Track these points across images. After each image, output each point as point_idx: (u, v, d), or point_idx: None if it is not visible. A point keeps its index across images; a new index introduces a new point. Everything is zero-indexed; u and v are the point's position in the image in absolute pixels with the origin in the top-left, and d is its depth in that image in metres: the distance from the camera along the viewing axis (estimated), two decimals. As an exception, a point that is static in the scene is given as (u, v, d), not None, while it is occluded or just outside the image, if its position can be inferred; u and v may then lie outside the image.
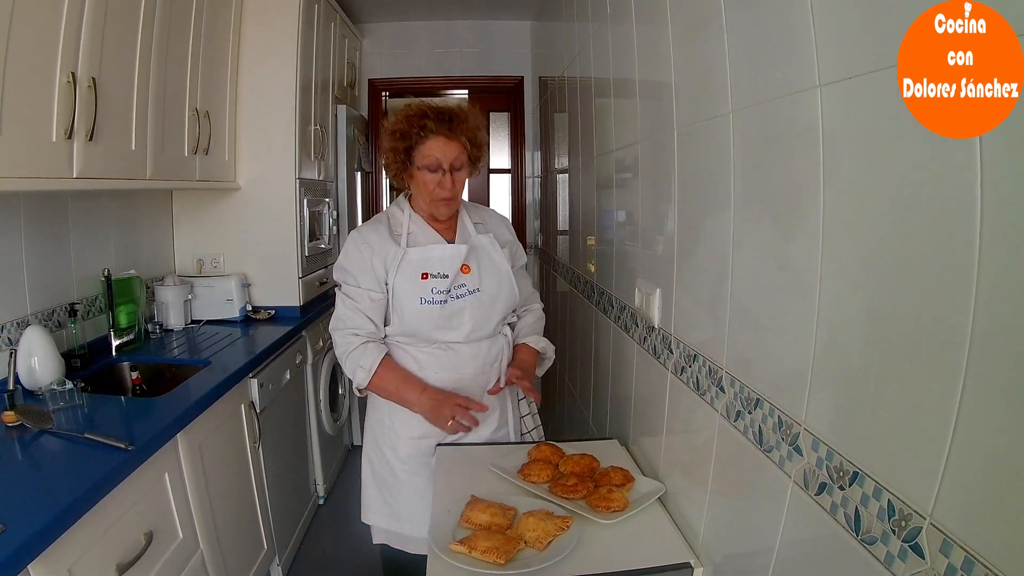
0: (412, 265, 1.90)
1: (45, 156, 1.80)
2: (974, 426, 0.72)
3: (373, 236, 1.93)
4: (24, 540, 1.23)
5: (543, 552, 1.41)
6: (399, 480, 1.98)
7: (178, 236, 3.33)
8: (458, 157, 1.88)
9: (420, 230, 1.96)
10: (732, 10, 1.26)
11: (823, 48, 0.96)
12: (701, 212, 1.47)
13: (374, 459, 2.04)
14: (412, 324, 1.91)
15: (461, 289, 1.92)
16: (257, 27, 3.20)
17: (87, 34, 1.91)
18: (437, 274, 1.90)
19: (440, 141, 1.86)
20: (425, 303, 1.89)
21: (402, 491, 1.98)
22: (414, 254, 1.91)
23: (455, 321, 1.92)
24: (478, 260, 1.96)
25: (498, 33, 4.69)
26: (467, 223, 2.01)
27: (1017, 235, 0.66)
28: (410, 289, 1.89)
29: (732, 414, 1.29)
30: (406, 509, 1.98)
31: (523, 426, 2.15)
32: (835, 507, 0.95)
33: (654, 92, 1.79)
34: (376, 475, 2.04)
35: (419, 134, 1.86)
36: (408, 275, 1.90)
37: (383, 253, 1.91)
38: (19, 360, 2.01)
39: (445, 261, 1.91)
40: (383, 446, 2.01)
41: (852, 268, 0.92)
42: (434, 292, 1.89)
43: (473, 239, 1.98)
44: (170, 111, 2.52)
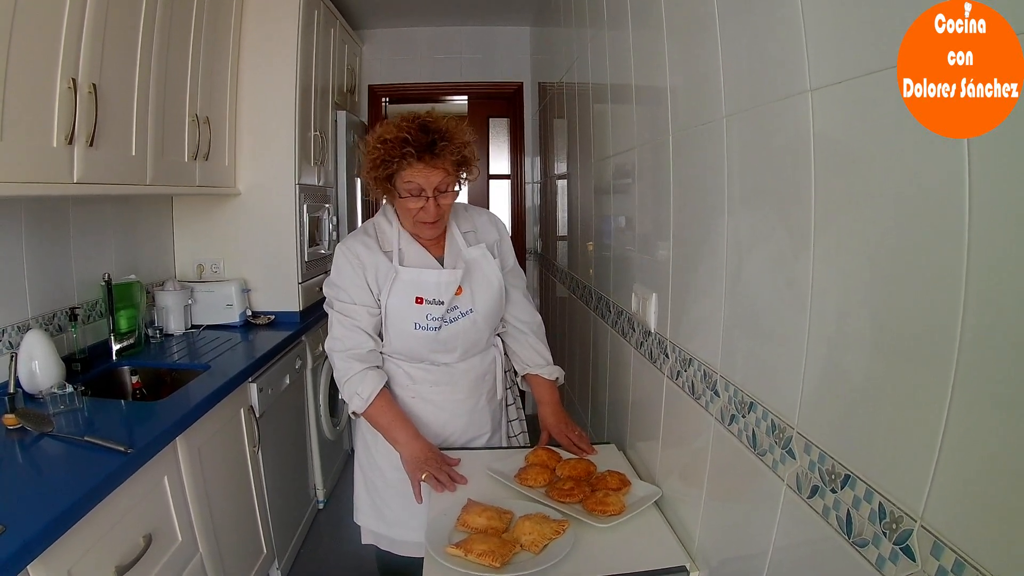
0: (405, 286, 1.85)
1: (46, 161, 1.81)
2: (964, 429, 0.72)
3: (362, 250, 1.88)
4: (24, 541, 1.23)
5: (539, 556, 1.42)
6: (388, 485, 1.98)
7: (178, 241, 3.34)
8: (442, 182, 1.77)
9: (410, 247, 1.89)
10: (726, 16, 1.28)
11: (814, 53, 0.97)
12: (696, 216, 1.48)
13: (365, 464, 2.04)
14: (405, 345, 1.91)
15: (455, 312, 1.89)
16: (257, 33, 3.22)
17: (88, 40, 1.92)
18: (432, 300, 1.85)
19: (421, 168, 1.74)
20: (420, 328, 1.86)
21: (391, 496, 1.98)
22: (407, 275, 1.85)
23: (449, 344, 1.91)
24: (471, 279, 1.91)
25: (498, 39, 4.71)
26: (457, 236, 1.94)
27: (1005, 240, 0.67)
28: (404, 312, 1.86)
29: (726, 418, 1.30)
30: (394, 513, 1.98)
31: (510, 430, 2.16)
32: (827, 510, 0.96)
33: (650, 97, 1.80)
34: (366, 480, 2.04)
35: (399, 161, 1.73)
36: (401, 296, 1.85)
37: (374, 268, 1.86)
38: (20, 364, 2.03)
39: (441, 287, 1.86)
40: (373, 452, 2.00)
41: (844, 273, 0.93)
42: (429, 319, 1.86)
43: (464, 254, 1.92)
44: (170, 117, 2.53)
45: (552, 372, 2.06)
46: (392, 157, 1.73)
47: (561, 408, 2.06)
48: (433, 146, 1.72)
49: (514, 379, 2.16)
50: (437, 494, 1.73)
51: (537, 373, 2.05)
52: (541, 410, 2.06)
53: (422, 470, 1.78)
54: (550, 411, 2.04)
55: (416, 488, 1.79)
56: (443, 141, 1.74)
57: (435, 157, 1.73)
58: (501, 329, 2.09)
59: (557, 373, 2.07)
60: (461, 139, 1.78)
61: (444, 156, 1.74)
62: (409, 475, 1.82)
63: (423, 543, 1.97)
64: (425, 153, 1.72)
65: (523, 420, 2.19)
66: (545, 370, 2.05)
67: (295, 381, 3.08)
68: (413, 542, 1.96)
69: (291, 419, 3.06)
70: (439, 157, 1.74)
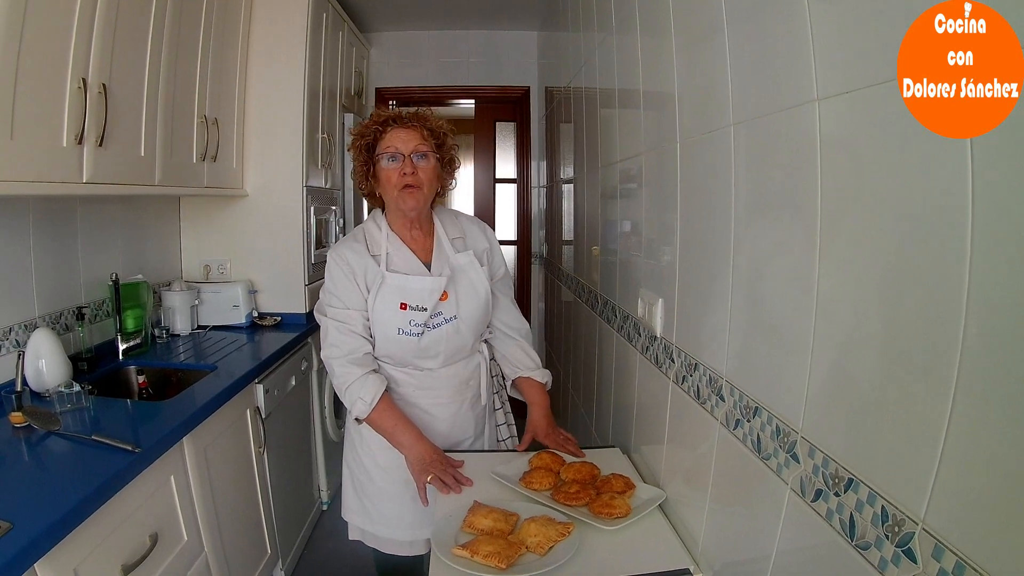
0: (391, 291, 1.88)
1: (55, 161, 1.82)
2: (966, 432, 0.73)
3: (351, 255, 1.91)
4: (31, 539, 1.24)
5: (544, 557, 1.42)
6: (375, 485, 2.00)
7: (185, 242, 3.36)
8: (419, 146, 1.86)
9: (397, 252, 1.93)
10: (734, 24, 1.28)
11: (821, 63, 0.98)
12: (703, 222, 1.48)
13: (352, 463, 2.06)
14: (388, 350, 1.93)
15: (438, 318, 1.91)
16: (266, 35, 3.23)
17: (98, 41, 1.94)
18: (416, 306, 1.88)
19: (398, 130, 1.86)
20: (403, 334, 1.88)
21: (377, 495, 2.00)
22: (393, 280, 1.89)
23: (432, 351, 1.92)
24: (456, 285, 1.93)
25: (505, 43, 4.71)
26: (444, 242, 1.97)
27: (1009, 245, 0.67)
28: (388, 317, 1.88)
29: (731, 422, 1.30)
30: (380, 511, 2.01)
31: (498, 435, 2.16)
32: (831, 513, 0.96)
33: (658, 103, 1.80)
34: (354, 478, 2.06)
35: (378, 129, 1.87)
36: (387, 300, 1.88)
37: (363, 271, 1.89)
38: (27, 362, 2.04)
39: (425, 294, 1.89)
40: (360, 450, 2.02)
41: (849, 279, 0.94)
42: (412, 324, 1.88)
43: (452, 260, 1.95)
44: (179, 118, 2.55)
45: (543, 375, 2.08)
46: (372, 126, 1.88)
47: (550, 411, 2.07)
48: (410, 118, 1.89)
49: (502, 384, 2.17)
50: (443, 496, 1.73)
51: (528, 376, 2.07)
52: (531, 412, 2.06)
53: (427, 472, 1.79)
54: (540, 413, 2.04)
55: (422, 491, 1.80)
56: (420, 115, 1.91)
57: (410, 122, 1.88)
58: (489, 335, 2.10)
59: (547, 377, 2.09)
60: (438, 122, 1.93)
61: (419, 122, 1.88)
62: (415, 478, 1.82)
63: (409, 542, 2.00)
64: (402, 121, 1.88)
65: (512, 426, 2.19)
66: (536, 373, 2.07)
67: (301, 383, 3.09)
68: (399, 540, 2.00)
69: (296, 420, 3.07)
70: (414, 122, 1.88)
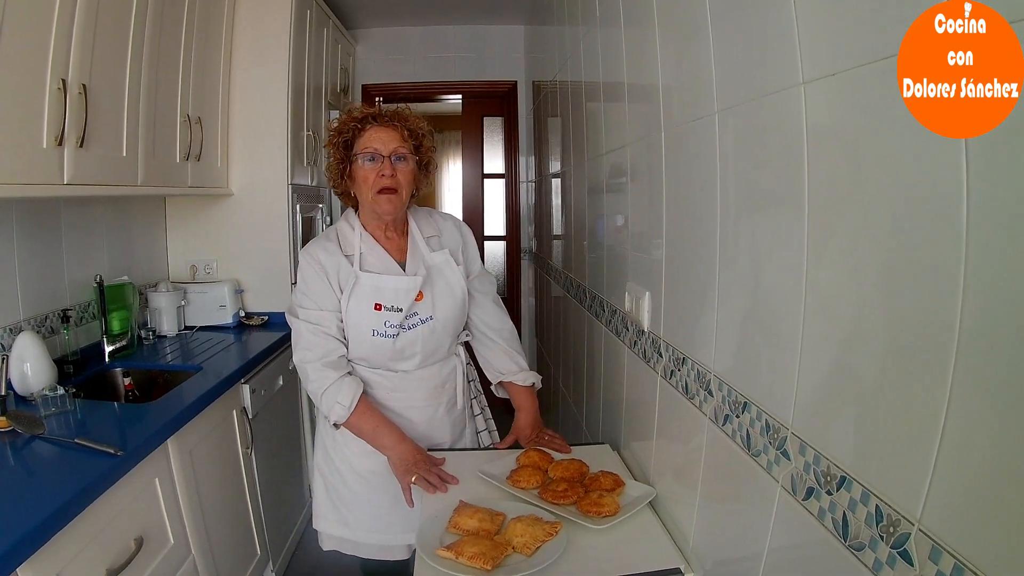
0: (365, 291, 1.84)
1: (35, 163, 1.79)
2: (962, 431, 0.71)
3: (323, 255, 1.86)
4: (13, 543, 1.23)
5: (531, 558, 1.41)
6: (351, 491, 1.96)
7: (171, 242, 3.32)
8: (399, 147, 1.81)
9: (371, 252, 1.89)
10: (717, 9, 1.27)
11: (806, 45, 0.96)
12: (689, 214, 1.47)
13: (325, 470, 2.01)
14: (363, 352, 1.89)
15: (414, 319, 1.87)
16: (249, 33, 3.20)
17: (77, 41, 1.90)
18: (391, 307, 1.84)
19: (377, 129, 1.82)
20: (377, 335, 1.85)
21: (354, 500, 1.96)
22: (367, 280, 1.85)
23: (407, 352, 1.89)
24: (432, 285, 1.90)
25: (491, 38, 4.68)
26: (419, 241, 1.93)
27: (1004, 241, 0.66)
28: (362, 319, 1.84)
29: (720, 418, 1.29)
30: (357, 517, 1.97)
31: (479, 441, 2.12)
32: (823, 512, 0.95)
33: (643, 93, 1.79)
34: (328, 486, 2.00)
35: (357, 127, 1.83)
36: (361, 300, 1.84)
37: (336, 271, 1.85)
38: (11, 366, 2.02)
39: (400, 294, 1.85)
40: (332, 455, 1.98)
41: (839, 271, 0.92)
42: (387, 325, 1.84)
43: (427, 260, 1.91)
44: (161, 117, 2.51)
45: (526, 378, 2.04)
46: (350, 123, 1.84)
47: (538, 416, 2.04)
48: (389, 117, 1.84)
49: (480, 390, 2.15)
50: (429, 496, 1.72)
51: (511, 380, 2.04)
52: (517, 417, 2.04)
53: (412, 473, 1.76)
54: (526, 420, 2.02)
55: (407, 492, 1.78)
56: (399, 113, 1.86)
57: (390, 121, 1.83)
58: (468, 337, 2.07)
59: (533, 379, 2.05)
60: (417, 121, 1.88)
61: (399, 122, 1.84)
62: (399, 479, 1.80)
63: (391, 546, 1.97)
64: (381, 119, 1.84)
65: (494, 432, 2.15)
66: (518, 376, 2.03)
67: (288, 382, 3.07)
68: (377, 544, 1.97)
69: (284, 420, 3.05)
70: (394, 122, 1.84)
